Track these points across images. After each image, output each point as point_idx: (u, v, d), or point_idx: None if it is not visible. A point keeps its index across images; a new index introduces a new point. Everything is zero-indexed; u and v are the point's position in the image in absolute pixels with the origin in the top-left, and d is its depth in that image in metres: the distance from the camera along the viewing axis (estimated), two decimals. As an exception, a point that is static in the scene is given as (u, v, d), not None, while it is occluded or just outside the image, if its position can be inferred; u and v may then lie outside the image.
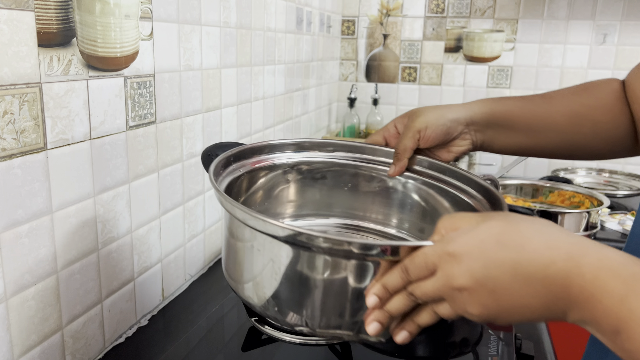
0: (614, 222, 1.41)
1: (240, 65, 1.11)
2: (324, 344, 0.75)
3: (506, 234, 0.42)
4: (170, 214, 0.90)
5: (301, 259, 0.52)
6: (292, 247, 0.52)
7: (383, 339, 0.52)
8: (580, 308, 0.38)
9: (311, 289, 0.53)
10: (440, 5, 1.89)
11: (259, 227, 0.53)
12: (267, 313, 0.57)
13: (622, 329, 0.36)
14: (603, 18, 1.75)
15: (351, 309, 0.52)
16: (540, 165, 1.90)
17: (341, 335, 0.54)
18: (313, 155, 0.77)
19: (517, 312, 0.41)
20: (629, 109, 0.68)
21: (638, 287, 0.35)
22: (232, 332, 0.80)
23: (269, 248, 0.54)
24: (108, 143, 0.72)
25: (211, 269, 1.04)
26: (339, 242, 0.48)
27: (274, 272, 0.54)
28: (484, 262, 0.41)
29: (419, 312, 0.47)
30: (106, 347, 0.77)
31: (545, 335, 0.86)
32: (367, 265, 0.50)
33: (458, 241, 0.43)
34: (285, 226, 0.49)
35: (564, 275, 0.38)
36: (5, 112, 0.55)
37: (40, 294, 0.63)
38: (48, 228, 0.63)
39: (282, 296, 0.55)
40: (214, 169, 0.60)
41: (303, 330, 0.55)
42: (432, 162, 0.73)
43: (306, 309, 0.53)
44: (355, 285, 0.51)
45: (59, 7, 0.60)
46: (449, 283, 0.43)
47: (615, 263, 0.37)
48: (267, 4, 1.21)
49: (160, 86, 0.82)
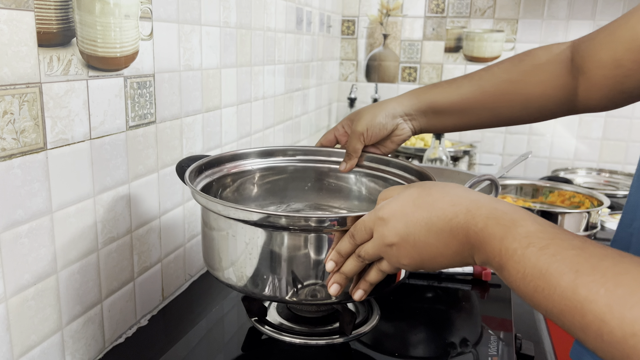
0: (614, 222, 1.41)
1: (240, 65, 1.11)
2: (323, 344, 0.75)
3: (420, 197, 0.52)
4: (170, 214, 0.90)
5: (272, 238, 0.62)
6: (263, 228, 0.62)
7: (344, 300, 0.64)
8: (478, 251, 0.47)
9: (281, 262, 0.63)
10: (440, 5, 1.89)
11: (234, 215, 0.62)
12: (246, 290, 0.66)
13: (503, 264, 0.44)
14: (603, 18, 1.75)
15: (315, 276, 0.63)
16: (540, 165, 1.90)
17: (310, 301, 0.64)
18: (276, 160, 0.88)
19: (436, 260, 0.50)
20: (568, 75, 0.69)
21: (514, 231, 0.43)
22: (232, 332, 0.80)
23: (242, 233, 0.64)
24: (108, 143, 0.72)
25: (211, 269, 1.04)
26: (298, 219, 0.60)
27: (248, 252, 0.64)
28: (405, 222, 0.51)
29: (368, 272, 0.59)
30: (106, 347, 0.77)
31: (545, 335, 0.86)
32: (323, 237, 0.61)
33: (386, 207, 0.53)
34: (258, 211, 0.61)
35: (465, 226, 0.47)
36: (5, 112, 0.55)
37: (40, 294, 0.63)
38: (48, 228, 0.63)
39: (258, 272, 0.65)
40: (188, 175, 0.70)
41: (278, 298, 0.65)
42: (375, 156, 0.85)
43: (279, 280, 0.64)
44: (315, 256, 0.62)
45: (58, 7, 0.60)
46: (382, 242, 0.53)
47: (499, 213, 0.46)
48: (267, 4, 1.21)
49: (160, 86, 0.82)
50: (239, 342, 0.78)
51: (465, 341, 0.79)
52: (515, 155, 1.90)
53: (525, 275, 0.41)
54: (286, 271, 0.63)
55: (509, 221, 0.45)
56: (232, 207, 0.62)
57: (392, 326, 0.82)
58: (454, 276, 1.00)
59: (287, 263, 0.63)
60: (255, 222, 0.62)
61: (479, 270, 0.99)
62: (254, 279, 0.65)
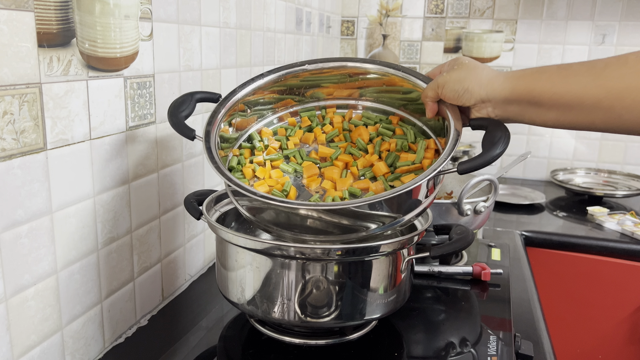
0: (613, 222, 1.41)
1: (240, 65, 1.11)
2: (323, 344, 0.75)
3: None
4: (170, 214, 0.90)
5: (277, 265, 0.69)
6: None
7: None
8: None
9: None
10: (440, 5, 1.89)
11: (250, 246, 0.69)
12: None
13: None
14: (602, 18, 1.76)
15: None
16: (540, 165, 1.90)
17: None
18: None
19: None
20: None
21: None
22: (232, 332, 0.80)
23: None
24: (108, 143, 0.72)
25: (211, 269, 1.04)
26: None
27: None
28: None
29: None
30: (106, 347, 0.77)
31: (544, 335, 0.86)
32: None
33: None
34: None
35: None
36: (5, 112, 0.55)
37: (40, 294, 0.63)
38: (48, 228, 0.63)
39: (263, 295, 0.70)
40: (205, 208, 0.77)
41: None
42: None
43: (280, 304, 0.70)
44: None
45: (58, 8, 0.60)
46: None
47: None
48: (266, 5, 1.21)
49: (160, 86, 0.83)
50: (239, 342, 0.78)
51: (465, 341, 0.79)
52: (515, 156, 1.90)
53: None
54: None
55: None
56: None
57: (391, 326, 0.82)
58: (454, 276, 1.00)
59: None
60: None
61: (479, 270, 0.99)
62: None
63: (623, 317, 1.35)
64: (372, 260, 0.69)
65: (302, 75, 0.83)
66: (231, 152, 0.79)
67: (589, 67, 0.62)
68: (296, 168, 0.76)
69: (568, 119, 0.64)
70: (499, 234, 1.32)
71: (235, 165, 0.75)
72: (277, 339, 0.76)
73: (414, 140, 0.78)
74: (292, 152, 0.79)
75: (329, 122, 0.84)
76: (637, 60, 0.59)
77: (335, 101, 0.86)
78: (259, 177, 0.74)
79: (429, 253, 0.72)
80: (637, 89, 0.58)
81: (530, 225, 1.40)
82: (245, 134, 0.83)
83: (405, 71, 0.80)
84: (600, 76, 0.60)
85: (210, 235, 1.05)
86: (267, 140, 0.81)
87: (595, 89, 0.60)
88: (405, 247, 0.72)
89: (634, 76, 0.58)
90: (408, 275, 0.75)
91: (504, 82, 0.67)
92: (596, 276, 1.34)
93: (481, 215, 1.00)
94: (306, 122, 0.84)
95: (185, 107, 0.76)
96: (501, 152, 0.65)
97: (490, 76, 0.69)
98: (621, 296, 1.33)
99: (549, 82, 0.64)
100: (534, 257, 1.33)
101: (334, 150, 0.78)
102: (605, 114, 0.61)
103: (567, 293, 1.36)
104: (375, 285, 0.71)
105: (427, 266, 1.00)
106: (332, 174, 0.74)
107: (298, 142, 0.82)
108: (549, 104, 0.64)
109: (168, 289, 0.92)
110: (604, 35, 1.76)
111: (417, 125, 0.81)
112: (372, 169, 0.75)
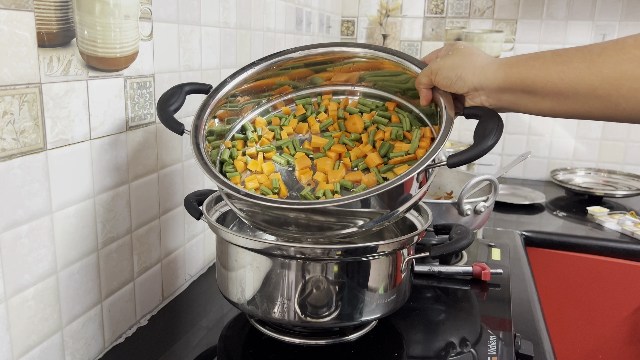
0: (613, 222, 1.41)
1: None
2: (323, 344, 0.75)
3: None
4: (170, 214, 0.90)
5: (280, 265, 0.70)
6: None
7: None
8: None
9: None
10: (440, 5, 1.89)
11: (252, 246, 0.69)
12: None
13: None
14: (602, 18, 1.76)
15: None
16: (540, 165, 1.90)
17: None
18: None
19: None
20: None
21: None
22: (232, 332, 0.80)
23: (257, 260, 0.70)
24: (108, 143, 0.72)
25: (211, 269, 1.04)
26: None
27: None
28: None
29: None
30: (106, 347, 0.77)
31: (544, 335, 0.86)
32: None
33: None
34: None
35: None
36: (5, 112, 0.55)
37: (40, 294, 0.63)
38: (48, 228, 0.63)
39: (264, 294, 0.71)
40: (205, 208, 0.78)
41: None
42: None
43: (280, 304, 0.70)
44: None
45: (58, 8, 0.60)
46: None
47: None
48: (266, 4, 1.21)
49: (160, 86, 0.82)
50: (239, 342, 0.78)
51: (465, 341, 0.79)
52: (515, 156, 1.90)
53: None
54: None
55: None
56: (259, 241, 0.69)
57: (391, 326, 0.82)
58: (454, 276, 1.00)
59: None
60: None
61: (479, 270, 0.99)
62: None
63: (623, 317, 1.35)
64: (372, 260, 0.70)
65: (299, 61, 0.82)
66: (223, 144, 0.78)
67: (585, 52, 0.58)
68: (289, 160, 0.75)
69: (564, 107, 0.61)
70: (499, 234, 1.32)
71: (227, 158, 0.74)
72: (277, 339, 0.76)
73: (409, 129, 0.76)
74: (285, 143, 0.78)
75: (324, 110, 0.82)
76: (634, 45, 0.55)
77: (332, 87, 0.85)
78: (251, 170, 0.73)
79: (429, 253, 0.72)
80: (634, 76, 0.54)
81: (530, 225, 1.40)
82: (238, 124, 0.81)
83: (400, 56, 0.77)
84: (595, 62, 0.57)
85: (210, 235, 1.05)
86: (260, 131, 0.79)
87: (590, 76, 0.57)
88: (405, 247, 0.72)
89: (631, 63, 0.55)
90: (408, 275, 0.75)
91: (497, 70, 0.64)
92: (596, 276, 1.34)
93: (481, 215, 1.00)
94: (301, 110, 0.83)
95: (175, 100, 0.75)
96: (492, 144, 0.64)
97: (484, 63, 0.66)
98: (621, 296, 1.33)
99: (542, 70, 0.61)
100: (534, 257, 1.33)
101: (327, 141, 0.77)
102: (602, 102, 0.58)
103: (567, 293, 1.36)
104: (375, 285, 0.71)
105: (427, 266, 1.00)
106: (324, 166, 0.73)
107: (292, 131, 0.81)
108: (543, 93, 0.61)
109: (168, 289, 0.92)
110: (604, 35, 1.76)
111: (414, 112, 0.80)
112: (364, 160, 0.73)
